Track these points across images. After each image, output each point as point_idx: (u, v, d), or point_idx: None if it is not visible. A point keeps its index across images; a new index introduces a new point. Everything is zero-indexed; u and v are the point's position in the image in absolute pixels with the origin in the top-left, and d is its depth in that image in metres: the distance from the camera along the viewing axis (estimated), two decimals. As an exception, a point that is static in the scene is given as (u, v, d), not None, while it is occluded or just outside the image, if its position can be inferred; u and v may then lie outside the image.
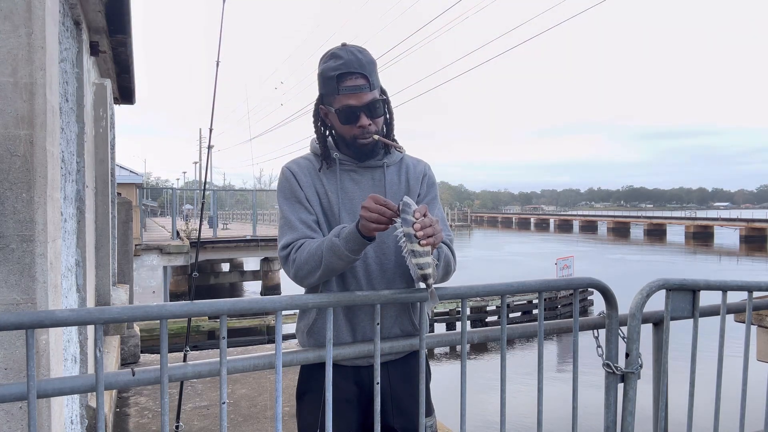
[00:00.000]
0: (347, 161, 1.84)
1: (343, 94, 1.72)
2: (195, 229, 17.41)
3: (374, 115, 1.77)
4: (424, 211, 1.55)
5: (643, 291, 2.05)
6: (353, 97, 1.72)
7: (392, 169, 1.88)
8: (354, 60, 1.72)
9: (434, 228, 1.55)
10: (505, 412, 1.84)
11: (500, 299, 1.87)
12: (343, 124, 1.77)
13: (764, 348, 3.01)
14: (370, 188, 1.83)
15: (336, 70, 1.71)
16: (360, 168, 1.85)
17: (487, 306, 17.32)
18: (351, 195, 1.83)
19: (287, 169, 1.86)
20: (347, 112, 1.74)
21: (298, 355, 1.67)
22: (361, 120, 1.74)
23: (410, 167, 1.91)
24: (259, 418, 4.46)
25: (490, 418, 7.56)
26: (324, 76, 1.76)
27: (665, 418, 2.14)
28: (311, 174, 1.84)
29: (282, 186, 1.85)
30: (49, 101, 1.65)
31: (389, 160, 1.87)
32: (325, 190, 1.82)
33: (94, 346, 3.59)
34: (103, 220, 4.59)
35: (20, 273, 1.56)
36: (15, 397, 1.36)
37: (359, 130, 1.75)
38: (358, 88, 1.71)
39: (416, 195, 1.88)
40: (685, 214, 74.92)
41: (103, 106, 4.54)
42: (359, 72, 1.71)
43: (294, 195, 1.81)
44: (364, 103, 1.73)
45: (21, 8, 1.56)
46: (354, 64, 1.71)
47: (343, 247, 1.61)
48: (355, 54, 1.73)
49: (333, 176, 1.84)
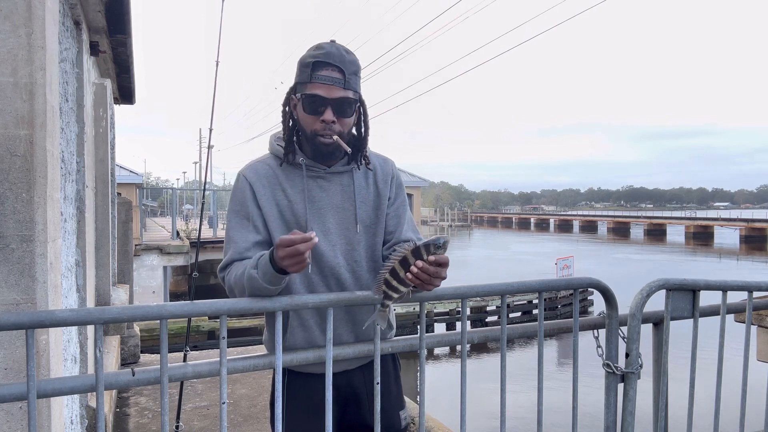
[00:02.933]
0: (314, 167, 1.71)
1: (314, 82, 1.62)
2: (195, 229, 17.42)
3: (342, 114, 1.65)
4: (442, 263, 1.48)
5: (643, 291, 2.05)
6: (324, 87, 1.62)
7: (360, 174, 1.77)
8: (336, 53, 1.63)
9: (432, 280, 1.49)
10: (505, 412, 1.84)
11: (500, 299, 1.87)
12: (306, 113, 1.65)
13: (764, 348, 3.01)
14: (339, 195, 1.73)
15: (314, 57, 1.63)
16: (328, 174, 1.73)
17: (487, 306, 17.33)
18: (319, 204, 1.72)
19: (244, 177, 1.73)
20: (313, 100, 1.63)
21: (297, 355, 1.67)
22: (326, 113, 1.63)
23: (377, 169, 1.80)
24: (259, 418, 4.46)
25: (490, 418, 7.57)
26: (301, 63, 1.67)
27: (665, 418, 2.14)
28: (271, 183, 1.71)
29: (235, 195, 1.73)
30: (49, 101, 1.65)
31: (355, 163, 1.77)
32: (288, 202, 1.70)
33: (94, 346, 3.59)
34: (103, 220, 4.58)
35: (20, 273, 1.56)
36: (15, 397, 1.36)
37: (321, 125, 1.64)
38: (332, 79, 1.62)
39: (386, 198, 1.79)
40: (685, 214, 74.99)
41: (103, 106, 4.54)
42: (337, 65, 1.62)
43: (244, 210, 1.71)
44: (334, 98, 1.62)
45: (21, 8, 1.56)
46: (334, 56, 1.63)
47: (261, 279, 1.53)
48: (340, 50, 1.65)
49: (297, 183, 1.71)
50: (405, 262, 1.49)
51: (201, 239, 3.97)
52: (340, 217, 1.73)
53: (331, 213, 1.72)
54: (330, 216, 1.72)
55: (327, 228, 1.71)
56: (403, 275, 1.49)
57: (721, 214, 73.08)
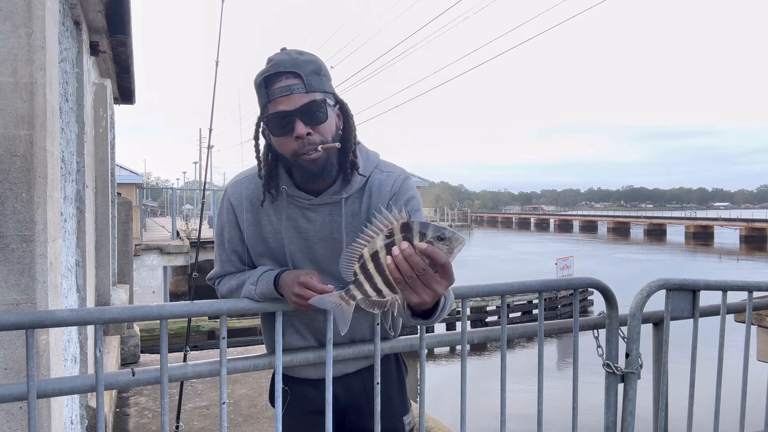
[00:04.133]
0: (299, 197, 1.53)
1: (272, 100, 1.42)
2: (195, 229, 17.42)
3: (314, 121, 1.43)
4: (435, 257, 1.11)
5: (643, 291, 2.05)
6: (284, 101, 1.41)
7: (353, 199, 1.55)
8: (286, 59, 1.43)
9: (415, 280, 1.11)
10: (505, 412, 1.84)
11: (500, 299, 1.87)
12: (276, 136, 1.45)
13: (764, 348, 3.01)
14: (328, 225, 1.54)
15: (264, 74, 1.44)
16: (315, 205, 1.54)
17: (487, 306, 17.32)
18: (305, 235, 1.56)
19: (228, 198, 1.62)
20: (278, 119, 1.42)
21: (297, 356, 1.67)
22: (296, 128, 1.41)
23: (373, 190, 1.56)
24: (259, 418, 4.46)
25: (490, 419, 7.57)
26: (255, 85, 1.47)
27: (665, 418, 2.14)
28: (254, 207, 1.58)
29: (220, 214, 1.65)
30: (49, 101, 1.65)
31: (349, 188, 1.53)
32: (272, 229, 1.58)
33: (94, 346, 3.58)
34: (103, 220, 4.58)
35: (20, 273, 1.56)
36: (15, 397, 1.37)
37: (298, 142, 1.42)
38: (289, 89, 1.41)
39: None
40: (685, 214, 75.01)
41: (103, 106, 4.54)
42: (290, 71, 1.41)
43: (229, 233, 1.62)
44: (298, 107, 1.41)
45: (21, 8, 1.56)
46: (285, 63, 1.43)
47: (258, 297, 1.54)
48: (291, 54, 1.45)
49: (281, 210, 1.56)
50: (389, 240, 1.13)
51: (201, 239, 3.97)
52: (330, 247, 1.56)
53: (319, 244, 1.56)
54: (318, 247, 1.57)
55: (315, 257, 1.59)
56: (383, 257, 1.13)
57: (721, 214, 73.11)
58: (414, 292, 1.12)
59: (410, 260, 1.10)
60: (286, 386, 1.70)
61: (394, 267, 1.10)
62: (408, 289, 1.12)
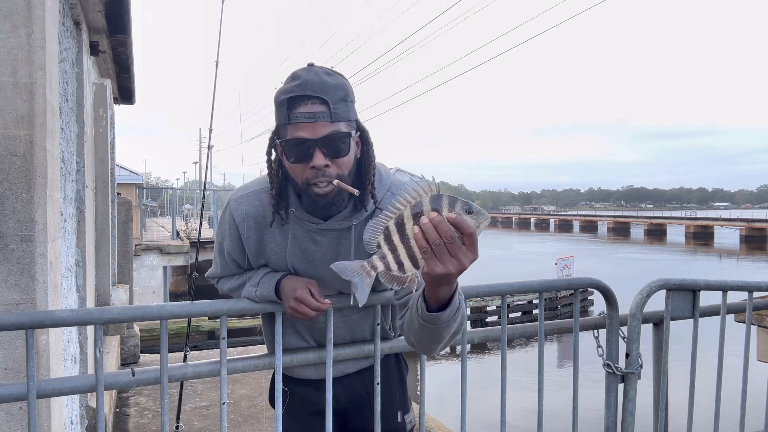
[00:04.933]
0: (309, 220, 1.47)
1: (293, 123, 1.34)
2: (195, 229, 17.41)
3: (335, 154, 1.35)
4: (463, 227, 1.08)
5: (643, 291, 2.05)
6: (306, 127, 1.33)
7: (362, 224, 1.47)
8: (314, 80, 1.34)
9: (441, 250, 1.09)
10: (505, 412, 1.84)
11: (500, 299, 1.87)
12: (291, 162, 1.38)
13: (764, 348, 3.01)
14: (335, 249, 1.50)
15: (288, 93, 1.34)
16: (324, 230, 1.48)
17: (487, 306, 17.32)
18: (310, 257, 1.52)
19: (230, 214, 1.55)
20: (296, 146, 1.35)
21: (297, 356, 1.67)
22: (314, 158, 1.34)
23: None
24: (259, 418, 4.46)
25: (490, 419, 7.57)
26: (276, 102, 1.38)
27: (665, 418, 2.14)
28: (259, 225, 1.52)
29: (221, 224, 1.59)
30: (49, 101, 1.65)
31: (359, 216, 1.47)
32: (276, 246, 1.53)
33: (94, 346, 3.58)
34: (103, 220, 4.58)
35: (20, 273, 1.56)
36: (15, 397, 1.36)
37: (312, 172, 1.35)
38: (313, 116, 1.32)
39: None
40: (685, 214, 74.99)
41: (103, 106, 4.54)
42: (317, 96, 1.33)
43: (229, 246, 1.59)
44: (320, 137, 1.33)
45: (21, 8, 1.56)
46: (313, 85, 1.33)
47: (258, 299, 1.56)
48: (319, 74, 1.35)
49: (287, 230, 1.51)
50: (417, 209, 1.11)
51: (201, 239, 3.97)
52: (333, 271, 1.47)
53: (323, 266, 1.49)
54: (323, 268, 1.50)
55: (320, 278, 1.54)
56: (410, 228, 1.12)
57: (721, 214, 73.10)
58: (439, 261, 1.09)
59: (439, 228, 1.07)
60: (286, 387, 1.70)
61: (421, 236, 1.08)
62: (433, 259, 1.09)
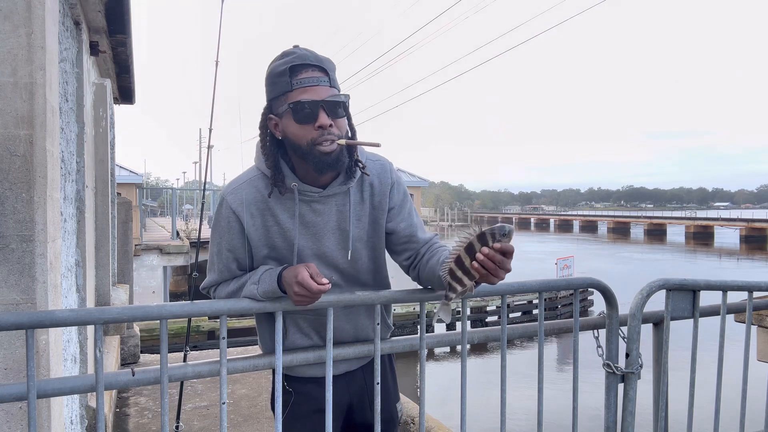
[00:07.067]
0: (308, 191, 1.57)
1: (297, 89, 1.47)
2: (195, 229, 17.41)
3: (336, 115, 1.50)
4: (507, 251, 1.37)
5: (643, 291, 2.05)
6: (310, 90, 1.47)
7: (355, 188, 1.63)
8: (309, 54, 1.51)
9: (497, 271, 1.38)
10: (505, 412, 1.84)
11: (500, 299, 1.87)
12: (298, 123, 1.49)
13: (764, 348, 3.01)
14: (335, 216, 1.61)
15: (288, 63, 1.48)
16: (323, 197, 1.59)
17: (487, 306, 17.32)
18: (314, 229, 1.61)
19: (228, 205, 1.59)
20: (302, 107, 1.47)
21: (297, 356, 1.67)
22: (320, 118, 1.47)
23: (374, 180, 1.66)
24: (259, 418, 4.46)
25: (490, 418, 7.57)
26: (273, 74, 1.51)
27: (665, 418, 2.14)
28: (260, 210, 1.59)
29: (218, 222, 1.62)
30: (48, 101, 1.65)
31: (351, 181, 1.61)
32: (279, 227, 1.59)
33: (94, 346, 3.58)
34: (103, 220, 4.58)
35: (20, 273, 1.56)
36: (15, 397, 1.37)
37: (318, 132, 1.47)
38: (316, 80, 1.48)
39: (385, 210, 1.66)
40: (685, 214, 74.92)
41: (103, 106, 4.54)
42: (316, 64, 1.49)
43: (226, 241, 1.61)
44: (324, 98, 1.48)
45: (21, 8, 1.56)
46: (309, 57, 1.50)
47: (260, 296, 1.55)
48: (311, 51, 1.53)
49: (289, 206, 1.58)
50: (470, 249, 1.40)
51: (201, 239, 3.97)
52: (337, 238, 1.63)
53: (327, 236, 1.62)
54: (326, 239, 1.62)
55: (323, 252, 1.62)
56: (469, 264, 1.40)
57: (721, 214, 73.03)
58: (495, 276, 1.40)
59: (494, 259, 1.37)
60: (289, 387, 1.71)
61: (478, 267, 1.38)
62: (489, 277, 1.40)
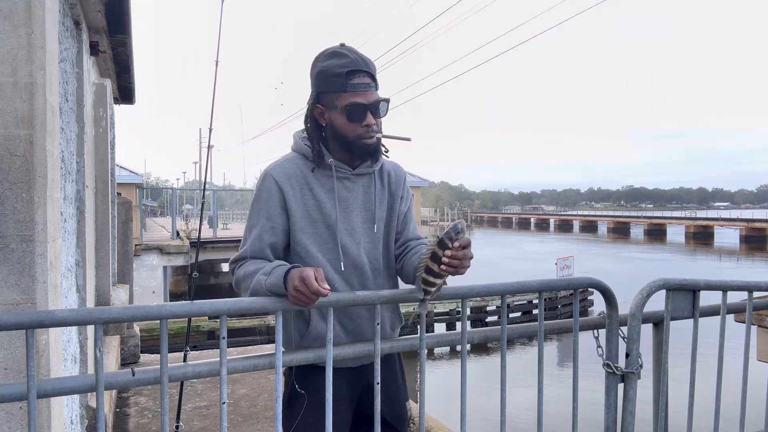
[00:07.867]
0: (341, 168, 1.82)
1: (351, 92, 1.73)
2: (195, 229, 17.41)
3: (378, 115, 1.78)
4: (465, 245, 1.57)
5: (643, 291, 2.05)
6: (361, 94, 1.73)
7: (376, 175, 1.88)
8: (360, 59, 1.75)
9: (463, 263, 1.57)
10: (505, 412, 1.84)
11: (500, 299, 1.87)
12: (349, 122, 1.75)
13: (764, 348, 3.01)
14: (361, 196, 1.84)
15: (344, 67, 1.73)
16: (353, 175, 1.84)
17: (487, 306, 17.31)
18: (345, 204, 1.82)
19: (272, 177, 1.79)
20: (355, 109, 1.73)
21: (297, 355, 1.67)
22: (368, 118, 1.74)
23: (391, 172, 1.94)
24: (259, 418, 4.46)
25: (490, 419, 7.57)
26: (328, 73, 1.75)
27: (665, 418, 2.14)
28: (300, 184, 1.80)
29: (260, 194, 1.80)
30: (49, 101, 1.65)
31: (376, 165, 1.88)
32: (316, 201, 1.79)
33: (94, 346, 3.58)
34: (103, 220, 4.58)
35: (20, 273, 1.56)
36: (15, 397, 1.36)
37: (364, 129, 1.75)
38: (367, 86, 1.74)
39: (399, 198, 1.92)
40: (685, 214, 74.87)
41: (103, 106, 4.54)
42: (366, 71, 1.74)
43: (266, 210, 1.77)
44: (372, 102, 1.74)
45: (21, 8, 1.56)
46: (361, 63, 1.74)
47: (267, 288, 1.63)
48: (359, 54, 1.76)
49: (325, 183, 1.81)
50: (435, 256, 1.60)
51: (201, 239, 3.97)
52: (363, 216, 1.84)
53: (356, 212, 1.83)
54: (355, 215, 1.83)
55: (353, 227, 1.82)
56: (437, 269, 1.59)
57: (721, 214, 73.00)
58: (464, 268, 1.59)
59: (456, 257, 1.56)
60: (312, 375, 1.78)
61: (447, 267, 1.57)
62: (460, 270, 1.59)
